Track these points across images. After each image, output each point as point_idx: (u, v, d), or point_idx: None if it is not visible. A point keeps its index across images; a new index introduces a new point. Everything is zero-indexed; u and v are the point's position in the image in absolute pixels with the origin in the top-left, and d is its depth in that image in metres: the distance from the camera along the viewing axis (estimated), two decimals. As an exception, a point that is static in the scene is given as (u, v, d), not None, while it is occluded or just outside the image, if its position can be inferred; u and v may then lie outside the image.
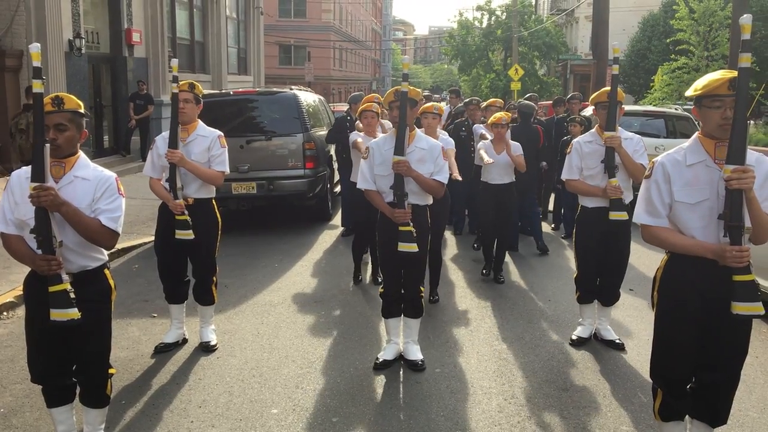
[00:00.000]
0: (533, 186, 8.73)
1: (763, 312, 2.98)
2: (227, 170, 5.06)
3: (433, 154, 4.57)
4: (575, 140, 5.24)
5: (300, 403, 4.29)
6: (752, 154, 3.04)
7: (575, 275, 5.39)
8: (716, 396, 3.23)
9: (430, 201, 4.75)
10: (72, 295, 3.20)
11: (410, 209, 4.51)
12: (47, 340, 3.34)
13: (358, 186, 4.74)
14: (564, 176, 5.21)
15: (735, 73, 2.97)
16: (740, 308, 2.94)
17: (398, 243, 4.46)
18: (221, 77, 21.91)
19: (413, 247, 4.46)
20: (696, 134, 3.17)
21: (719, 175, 2.99)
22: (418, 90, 4.91)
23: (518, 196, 8.26)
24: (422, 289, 4.82)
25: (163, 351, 5.11)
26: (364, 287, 6.92)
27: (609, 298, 5.30)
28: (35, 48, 3.13)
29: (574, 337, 5.38)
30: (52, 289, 3.18)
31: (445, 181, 4.62)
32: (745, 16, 2.89)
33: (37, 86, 3.09)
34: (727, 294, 2.97)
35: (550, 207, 10.46)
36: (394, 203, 4.49)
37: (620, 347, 5.20)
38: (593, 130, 5.18)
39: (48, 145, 3.15)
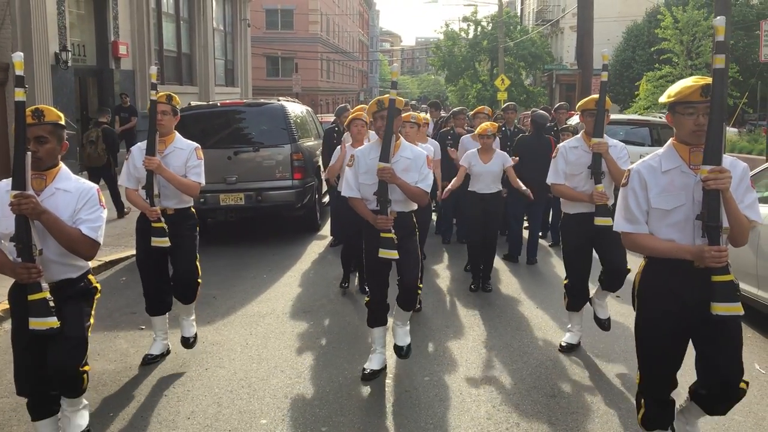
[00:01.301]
0: (542, 198, 8.67)
1: (742, 312, 3.01)
2: (203, 182, 5.06)
3: (417, 163, 4.60)
4: (561, 145, 5.28)
5: (289, 413, 4.28)
6: (726, 158, 3.08)
7: (564, 282, 5.43)
8: (725, 391, 3.19)
9: (414, 207, 4.78)
10: (51, 304, 3.19)
11: (394, 216, 4.55)
12: (34, 350, 3.33)
13: (342, 194, 4.76)
14: (549, 180, 5.24)
15: (707, 80, 3.02)
16: (720, 308, 2.96)
17: (379, 249, 4.50)
18: (208, 89, 21.92)
19: (393, 254, 4.50)
20: (670, 140, 3.21)
21: (694, 181, 3.04)
22: (402, 99, 4.89)
23: (525, 208, 8.30)
24: (420, 285, 4.84)
25: (151, 363, 5.11)
26: (352, 297, 6.93)
27: (613, 282, 5.23)
28: (18, 57, 3.15)
29: (563, 344, 5.41)
30: (31, 297, 3.17)
31: (429, 189, 4.63)
32: (718, 18, 2.96)
33: (20, 95, 3.11)
34: (707, 296, 3.00)
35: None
36: (378, 210, 4.53)
37: (605, 326, 5.43)
38: (579, 135, 5.23)
39: (29, 154, 3.15)
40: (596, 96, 5.06)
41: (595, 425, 4.12)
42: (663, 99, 3.18)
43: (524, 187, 7.11)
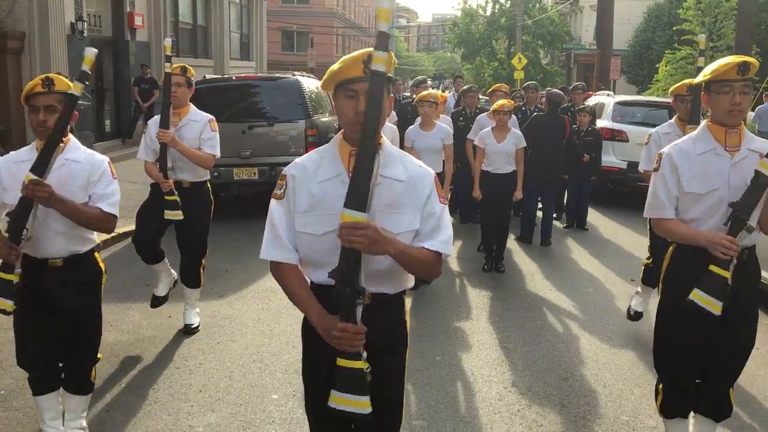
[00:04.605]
0: (555, 178, 8.57)
1: (719, 313, 2.91)
2: (218, 154, 5.06)
3: (419, 192, 2.26)
4: (653, 132, 5.10)
5: (300, 389, 4.25)
6: (765, 143, 3.00)
7: (647, 261, 5.41)
8: (717, 390, 3.22)
9: (409, 285, 2.39)
10: (15, 290, 3.15)
11: (364, 313, 2.15)
12: (37, 326, 3.32)
13: (261, 255, 2.32)
14: (642, 168, 5.06)
15: (744, 58, 2.92)
16: (698, 297, 2.91)
17: (331, 391, 2.15)
18: (223, 62, 21.81)
19: (361, 405, 2.13)
20: (705, 122, 3.12)
21: (731, 163, 2.96)
22: (393, 57, 2.27)
23: (539, 188, 8.25)
24: None
25: (160, 304, 5.27)
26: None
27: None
28: (91, 53, 3.11)
29: (632, 312, 5.47)
30: (0, 275, 3.15)
31: (448, 249, 2.28)
32: None
33: (76, 89, 3.09)
34: (734, 288, 2.95)
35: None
36: (338, 304, 2.14)
37: None
38: (672, 121, 5.07)
39: (62, 145, 3.13)
40: (688, 81, 4.91)
41: (608, 409, 4.09)
42: (699, 78, 3.10)
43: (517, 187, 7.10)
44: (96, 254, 3.47)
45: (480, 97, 10.28)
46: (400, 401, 2.46)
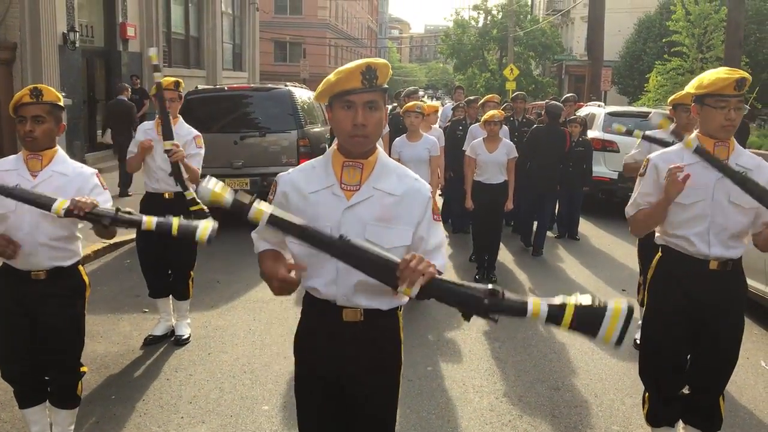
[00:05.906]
0: (555, 190, 8.57)
1: None
2: (200, 170, 5.07)
3: (413, 208, 2.21)
4: (647, 133, 5.06)
5: (291, 400, 4.25)
6: (753, 158, 3.01)
7: (640, 279, 5.20)
8: (707, 401, 3.23)
9: (402, 299, 2.26)
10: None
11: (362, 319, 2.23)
12: (20, 339, 3.28)
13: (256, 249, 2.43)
14: (625, 159, 5.09)
15: (741, 73, 2.90)
16: None
17: None
18: (216, 73, 21.83)
19: None
20: (695, 133, 3.09)
21: (716, 177, 2.97)
22: (390, 69, 2.18)
23: (538, 199, 8.30)
24: None
25: (152, 343, 5.12)
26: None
27: None
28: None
29: (638, 342, 5.28)
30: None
31: (442, 266, 2.22)
32: None
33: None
34: (714, 297, 2.98)
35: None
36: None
37: None
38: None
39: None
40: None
41: (599, 419, 4.09)
42: (691, 89, 3.04)
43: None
44: (80, 267, 3.42)
45: None
46: (392, 422, 2.41)
